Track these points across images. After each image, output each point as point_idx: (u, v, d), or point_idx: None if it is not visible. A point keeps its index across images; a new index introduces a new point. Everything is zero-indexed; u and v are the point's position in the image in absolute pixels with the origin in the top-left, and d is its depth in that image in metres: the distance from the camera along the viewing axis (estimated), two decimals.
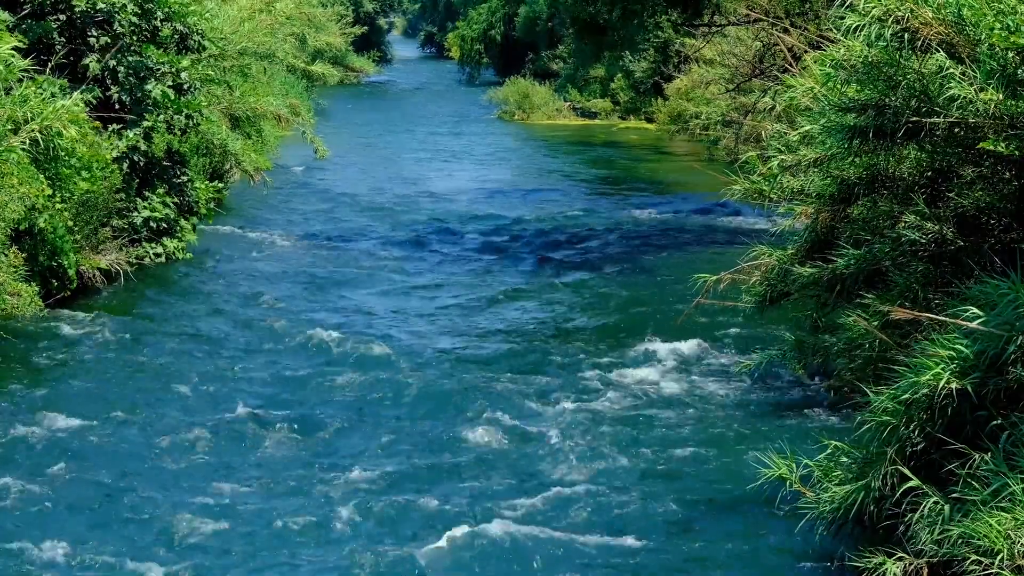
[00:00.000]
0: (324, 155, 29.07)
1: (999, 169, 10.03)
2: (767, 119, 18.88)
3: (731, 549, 9.84)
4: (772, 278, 12.44)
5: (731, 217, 25.79)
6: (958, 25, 9.01)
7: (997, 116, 8.84)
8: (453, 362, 14.99)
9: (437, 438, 12.20)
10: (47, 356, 14.60)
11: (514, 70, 62.51)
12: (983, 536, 7.41)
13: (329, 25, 52.07)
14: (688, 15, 25.85)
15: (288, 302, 18.05)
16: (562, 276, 20.37)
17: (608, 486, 10.96)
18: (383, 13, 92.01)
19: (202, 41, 20.01)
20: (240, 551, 9.67)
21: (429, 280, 20.08)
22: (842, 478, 8.95)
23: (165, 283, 18.88)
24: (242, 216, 25.57)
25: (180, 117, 19.48)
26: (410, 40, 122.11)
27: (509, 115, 50.46)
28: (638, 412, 13.02)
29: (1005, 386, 8.13)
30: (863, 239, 11.14)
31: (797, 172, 11.97)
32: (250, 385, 13.92)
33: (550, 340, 16.15)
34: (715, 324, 15.79)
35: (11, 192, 14.86)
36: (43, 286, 16.40)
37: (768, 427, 12.39)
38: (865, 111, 9.72)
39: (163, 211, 19.67)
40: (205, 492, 10.81)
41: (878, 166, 10.89)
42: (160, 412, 12.84)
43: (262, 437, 12.15)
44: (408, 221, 25.82)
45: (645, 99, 46.23)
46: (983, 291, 8.45)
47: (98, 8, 18.41)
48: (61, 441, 11.82)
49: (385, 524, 10.19)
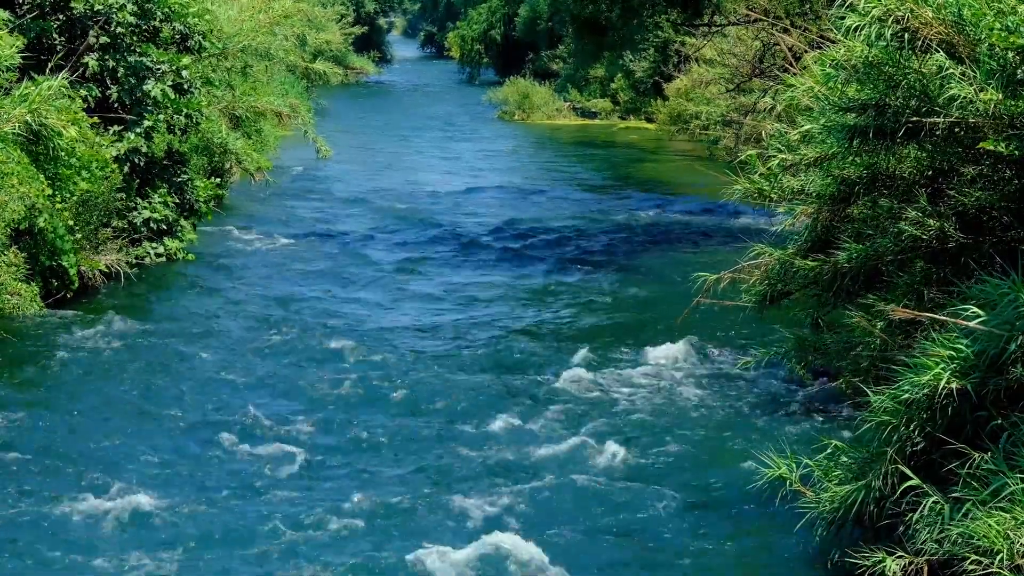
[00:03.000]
0: (327, 155, 29.08)
1: (999, 168, 10.03)
2: (767, 119, 18.88)
3: (731, 548, 9.85)
4: (772, 277, 12.44)
5: (731, 217, 25.79)
6: (958, 25, 9.02)
7: (997, 116, 8.85)
8: (452, 361, 14.98)
9: (437, 438, 12.20)
10: (47, 356, 14.59)
11: (514, 70, 62.51)
12: (982, 536, 7.41)
13: (329, 25, 52.07)
14: (688, 15, 25.87)
15: (288, 302, 18.04)
16: (562, 276, 20.37)
17: (608, 485, 10.96)
18: (383, 13, 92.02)
19: (202, 41, 20.01)
20: (239, 551, 9.67)
21: (428, 280, 20.08)
22: (842, 478, 8.96)
23: (165, 283, 18.88)
24: (242, 216, 25.57)
25: (180, 117, 19.49)
26: (410, 40, 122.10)
27: (509, 115, 50.46)
28: (638, 411, 13.02)
29: (1005, 386, 8.13)
30: (865, 234, 11.14)
31: (797, 172, 11.97)
32: (250, 384, 13.92)
33: (549, 339, 16.15)
34: (715, 324, 15.78)
35: (11, 192, 14.86)
36: (43, 286, 16.40)
37: (768, 427, 12.39)
38: (865, 111, 9.73)
39: (163, 211, 19.67)
40: (205, 492, 10.81)
41: (878, 166, 10.89)
42: (160, 412, 12.83)
43: (262, 437, 12.15)
44: (408, 221, 25.82)
45: (645, 99, 46.23)
46: (983, 290, 8.45)
47: (96, 9, 18.41)
48: (61, 441, 11.82)
49: (384, 524, 10.19)
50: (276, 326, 16.47)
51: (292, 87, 36.74)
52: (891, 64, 9.38)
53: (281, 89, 33.28)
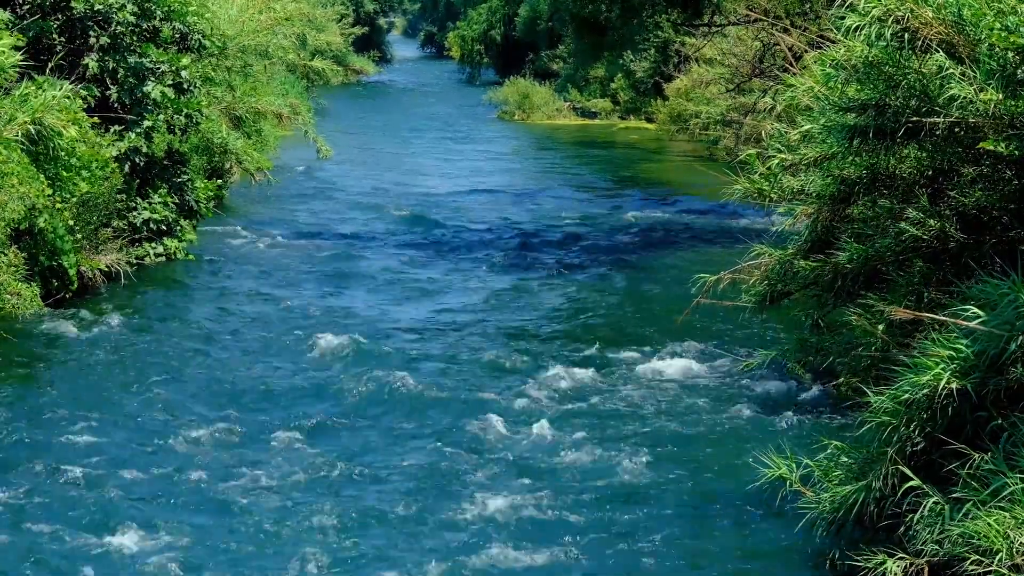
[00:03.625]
0: (327, 155, 29.05)
1: (999, 168, 10.03)
2: (767, 119, 18.88)
3: (731, 548, 9.84)
4: (772, 278, 12.44)
5: (731, 217, 25.78)
6: (958, 25, 9.02)
7: (997, 116, 8.85)
8: (452, 362, 14.98)
9: (437, 438, 12.19)
10: (47, 356, 14.60)
11: (514, 70, 62.48)
12: (983, 536, 7.41)
13: (329, 25, 52.10)
14: (688, 15, 25.87)
15: (288, 301, 18.02)
16: (561, 276, 20.36)
17: (607, 485, 10.96)
18: (383, 13, 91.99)
19: (202, 40, 20.01)
20: (239, 550, 9.67)
21: (428, 280, 20.07)
22: (842, 478, 8.96)
23: (165, 283, 18.88)
24: (242, 216, 25.56)
25: (180, 117, 19.48)
26: (410, 40, 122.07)
27: (509, 115, 50.45)
28: (638, 412, 13.02)
29: (1005, 386, 8.13)
30: (865, 234, 11.14)
31: (797, 172, 11.97)
32: (250, 384, 13.91)
33: (549, 339, 16.15)
34: (715, 324, 15.78)
35: (11, 192, 14.86)
36: (43, 286, 16.39)
37: (768, 427, 12.39)
38: (865, 111, 9.73)
39: (163, 211, 19.67)
40: (204, 491, 10.80)
41: (878, 165, 10.89)
42: (160, 412, 12.83)
43: (262, 437, 12.14)
44: (408, 221, 25.81)
45: (645, 99, 46.20)
46: (983, 291, 8.45)
47: (95, 9, 18.41)
48: (61, 441, 11.81)
49: (384, 524, 10.19)
50: (276, 326, 16.46)
51: (292, 87, 36.74)
52: (891, 64, 9.38)
53: (281, 89, 33.26)
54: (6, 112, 14.81)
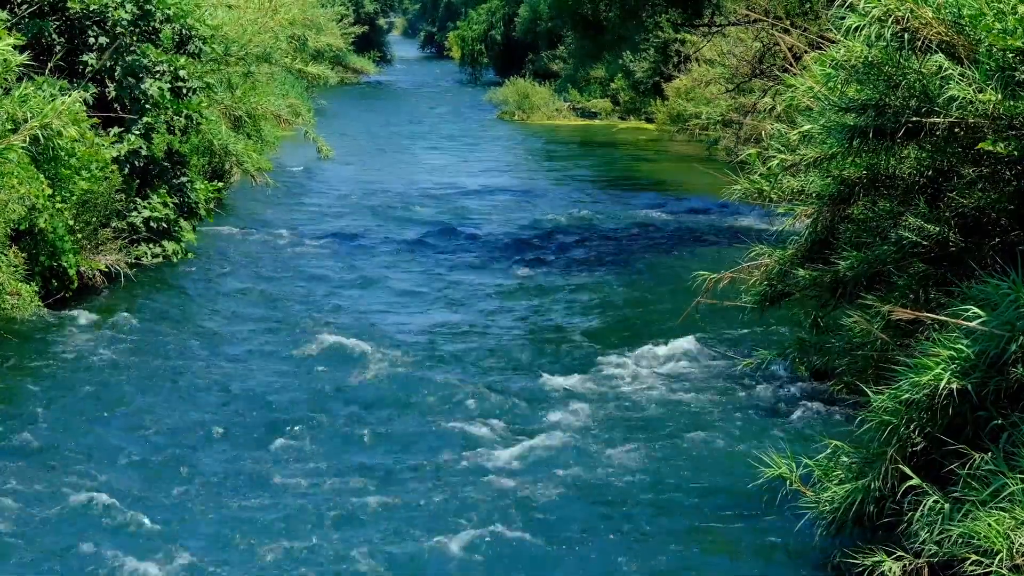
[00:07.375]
0: (328, 155, 29.07)
1: (999, 169, 10.04)
2: (767, 119, 18.88)
3: (731, 548, 9.85)
4: (772, 278, 12.45)
5: (731, 217, 25.80)
6: (958, 25, 9.02)
7: (996, 116, 8.85)
8: (452, 362, 14.99)
9: (437, 438, 12.20)
10: (47, 356, 14.60)
11: (514, 70, 62.51)
12: (983, 536, 7.41)
13: (330, 25, 52.12)
14: (688, 15, 25.87)
15: (288, 302, 18.05)
16: (561, 275, 20.37)
17: (607, 485, 10.97)
18: (383, 13, 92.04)
19: (202, 45, 19.99)
20: (239, 551, 9.67)
21: (428, 280, 20.08)
22: (842, 478, 8.96)
23: (165, 284, 18.88)
24: (242, 216, 25.57)
25: (180, 118, 19.49)
26: (410, 40, 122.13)
27: (509, 115, 50.46)
28: (638, 411, 13.03)
29: (1006, 386, 8.14)
30: (864, 242, 11.15)
31: (797, 172, 11.98)
32: (250, 385, 13.92)
33: (549, 339, 16.15)
34: (715, 324, 15.78)
35: (11, 192, 14.87)
36: (43, 286, 16.40)
37: (768, 427, 12.39)
38: (865, 111, 9.73)
39: (163, 212, 19.66)
40: (203, 491, 10.81)
41: (878, 166, 10.89)
42: (160, 412, 12.83)
43: (261, 437, 12.15)
44: (408, 221, 25.82)
45: (645, 99, 46.22)
46: (984, 291, 8.45)
47: (92, 9, 18.41)
48: (60, 441, 11.82)
49: (384, 524, 10.19)
50: (276, 326, 16.47)
51: (292, 87, 36.77)
52: (891, 64, 9.38)
53: (281, 90, 33.28)
54: (6, 112, 14.81)
